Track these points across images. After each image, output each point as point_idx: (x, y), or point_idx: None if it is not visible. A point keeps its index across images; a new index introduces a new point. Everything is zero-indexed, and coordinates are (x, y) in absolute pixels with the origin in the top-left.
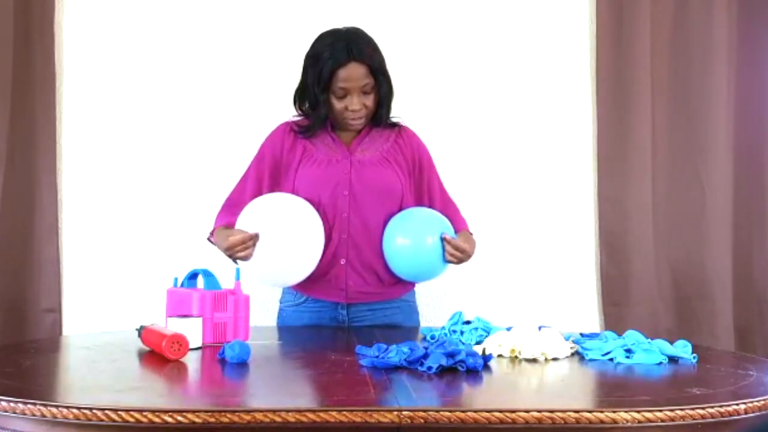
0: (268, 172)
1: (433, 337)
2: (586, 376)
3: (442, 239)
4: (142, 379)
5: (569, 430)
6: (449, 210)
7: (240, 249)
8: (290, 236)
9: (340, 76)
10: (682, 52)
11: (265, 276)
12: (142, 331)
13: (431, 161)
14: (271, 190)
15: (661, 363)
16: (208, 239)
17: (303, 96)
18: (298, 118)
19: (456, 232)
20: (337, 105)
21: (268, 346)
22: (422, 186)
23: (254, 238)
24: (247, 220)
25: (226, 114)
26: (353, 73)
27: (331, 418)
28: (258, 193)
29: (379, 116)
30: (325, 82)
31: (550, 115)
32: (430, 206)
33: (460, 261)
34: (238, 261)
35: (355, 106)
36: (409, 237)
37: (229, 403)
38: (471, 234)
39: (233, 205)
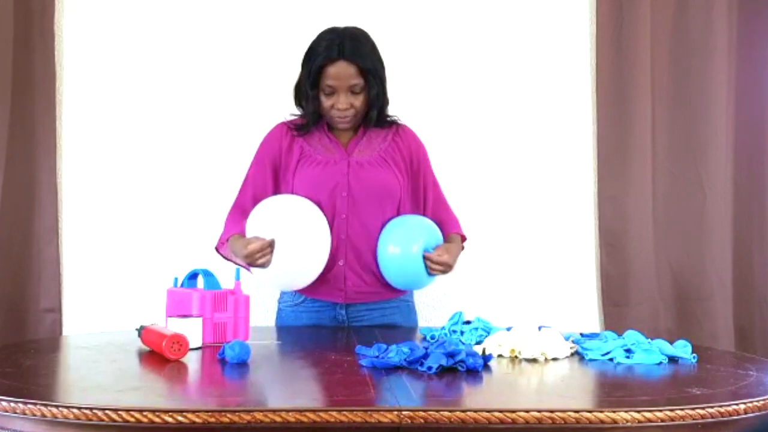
0: (271, 174)
1: (433, 337)
2: (586, 376)
3: (424, 258)
4: (142, 379)
5: (569, 430)
6: (440, 209)
7: (260, 256)
8: (305, 239)
9: (329, 73)
10: (682, 52)
11: (281, 280)
12: (142, 331)
13: (428, 160)
14: (275, 191)
15: (661, 363)
16: (217, 249)
17: (299, 92)
18: (294, 117)
19: (445, 235)
20: (326, 102)
21: (268, 346)
22: (418, 185)
23: (272, 244)
24: (259, 225)
25: (226, 114)
26: (341, 72)
27: (331, 418)
28: (263, 195)
29: (370, 118)
30: (314, 77)
31: (550, 115)
32: (424, 204)
33: (443, 272)
34: (252, 268)
35: (341, 104)
36: (397, 248)
37: (229, 403)
38: (460, 235)
39: (241, 212)
